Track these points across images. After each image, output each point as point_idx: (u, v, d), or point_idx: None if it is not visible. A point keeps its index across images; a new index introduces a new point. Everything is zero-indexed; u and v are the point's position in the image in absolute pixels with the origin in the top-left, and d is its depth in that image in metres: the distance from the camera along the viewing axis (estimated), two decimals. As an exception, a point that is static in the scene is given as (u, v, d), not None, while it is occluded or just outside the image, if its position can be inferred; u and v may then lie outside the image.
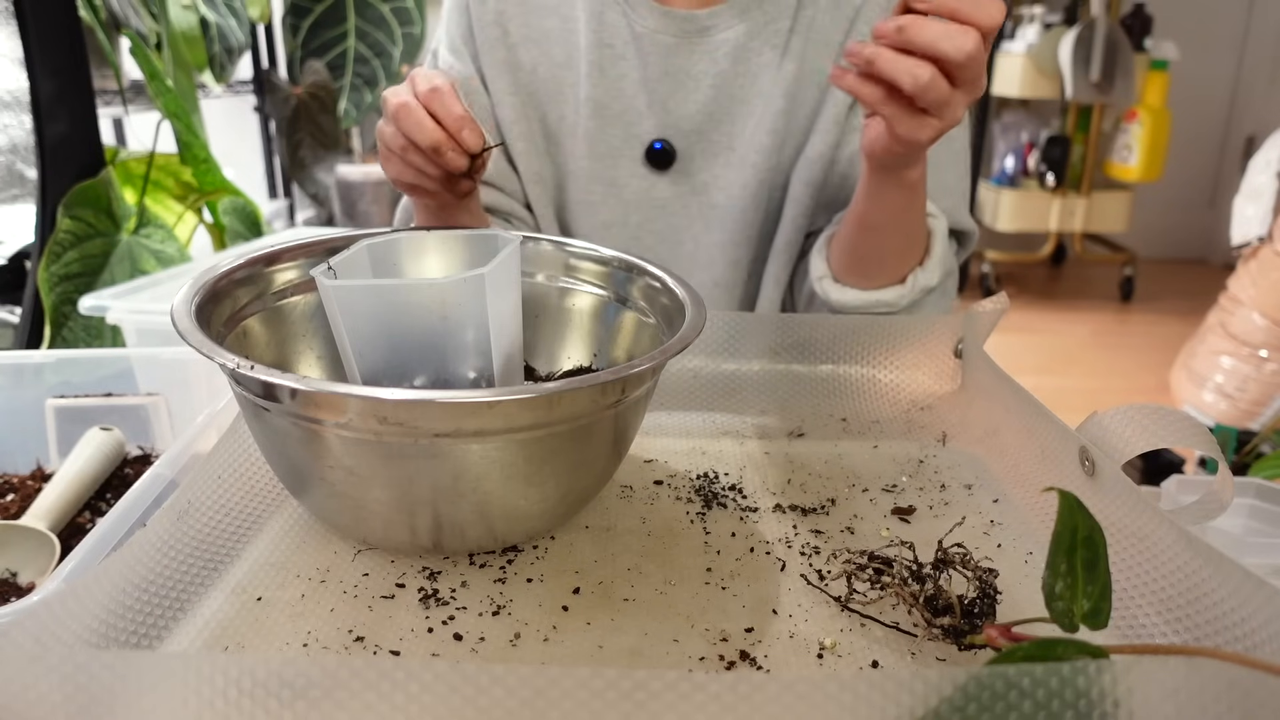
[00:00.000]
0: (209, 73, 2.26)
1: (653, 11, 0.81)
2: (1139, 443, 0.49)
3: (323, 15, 2.86)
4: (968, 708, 0.27)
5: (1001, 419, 0.60)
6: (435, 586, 0.46)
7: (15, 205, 1.49)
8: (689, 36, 0.81)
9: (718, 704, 0.27)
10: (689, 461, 0.60)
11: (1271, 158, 2.31)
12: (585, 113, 0.83)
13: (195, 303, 0.48)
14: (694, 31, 0.81)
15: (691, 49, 0.81)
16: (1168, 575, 0.42)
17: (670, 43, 0.81)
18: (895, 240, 0.74)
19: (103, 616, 0.39)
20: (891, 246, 0.75)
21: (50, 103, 1.27)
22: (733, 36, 0.81)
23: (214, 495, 0.50)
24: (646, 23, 0.81)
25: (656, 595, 0.45)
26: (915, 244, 0.76)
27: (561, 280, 0.63)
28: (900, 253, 0.75)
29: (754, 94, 0.82)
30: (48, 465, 0.68)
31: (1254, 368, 2.17)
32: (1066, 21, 3.21)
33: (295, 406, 0.42)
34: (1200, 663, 0.27)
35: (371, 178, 2.95)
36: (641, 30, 0.81)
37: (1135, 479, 0.45)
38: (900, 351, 0.70)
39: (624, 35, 0.82)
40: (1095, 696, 0.27)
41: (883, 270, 0.76)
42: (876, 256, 0.75)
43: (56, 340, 1.29)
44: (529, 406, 0.42)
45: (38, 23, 1.24)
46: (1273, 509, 0.66)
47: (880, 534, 0.52)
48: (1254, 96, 3.80)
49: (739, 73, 0.82)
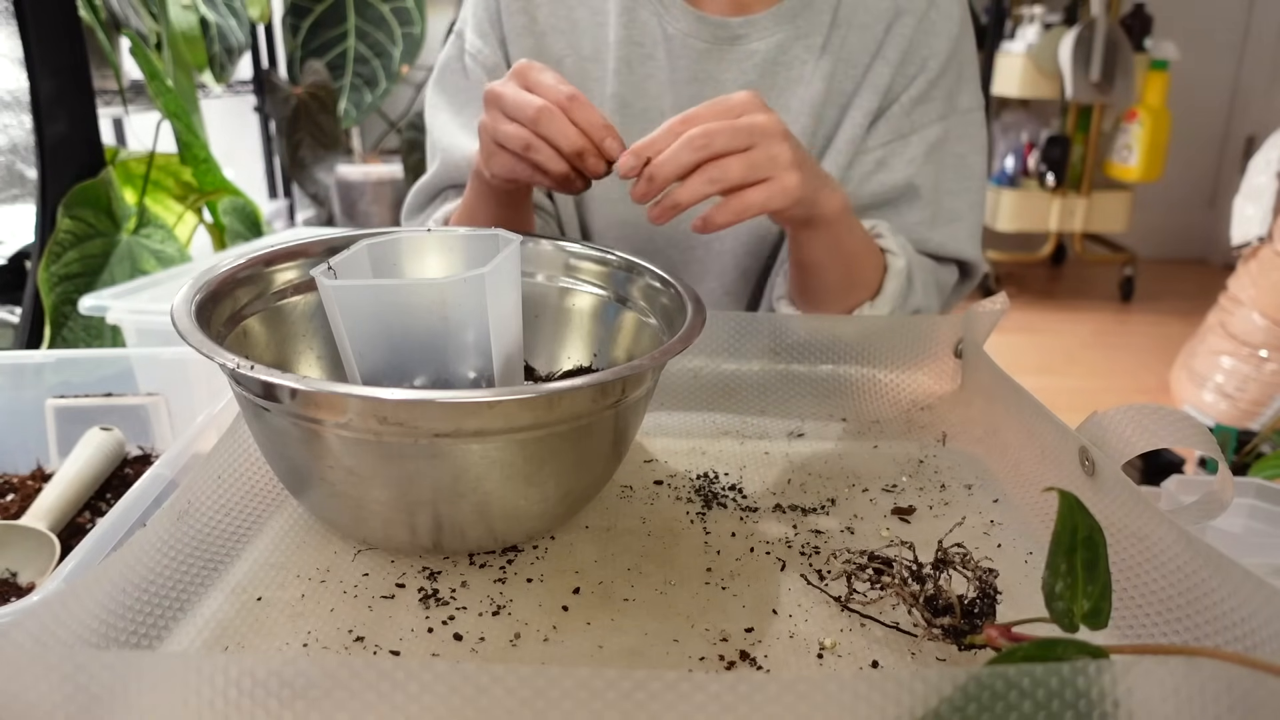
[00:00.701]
0: (209, 73, 2.26)
1: (686, 14, 0.80)
2: (1139, 443, 0.49)
3: (323, 15, 2.86)
4: (968, 708, 0.27)
5: (1001, 419, 0.60)
6: (435, 586, 0.46)
7: (15, 205, 1.49)
8: (720, 43, 0.81)
9: (718, 704, 0.27)
10: (689, 461, 0.60)
11: (1271, 158, 2.31)
12: (609, 109, 0.83)
13: (195, 303, 0.48)
14: (726, 39, 0.81)
15: (722, 56, 0.81)
16: (1168, 575, 0.42)
17: (701, 48, 0.81)
18: (834, 276, 0.73)
19: (103, 616, 0.39)
20: (831, 282, 0.73)
21: (50, 103, 1.27)
22: (764, 48, 0.80)
23: (214, 495, 0.50)
24: (679, 25, 0.81)
25: (656, 595, 0.45)
26: (859, 281, 0.74)
27: (561, 280, 0.63)
28: (842, 288, 0.74)
29: (780, 109, 0.81)
30: (48, 465, 0.68)
31: (1254, 368, 2.17)
32: (1066, 21, 3.21)
33: (295, 406, 0.42)
34: (1200, 663, 0.27)
35: (371, 178, 2.95)
36: (673, 32, 0.81)
37: (1135, 479, 0.45)
38: (900, 351, 0.70)
39: (655, 35, 0.81)
40: (1095, 696, 0.27)
41: (827, 302, 0.75)
42: (819, 290, 0.74)
43: (56, 340, 1.29)
44: (529, 406, 0.42)
45: (38, 23, 1.24)
46: (1273, 509, 0.66)
47: (880, 534, 0.52)
48: (1254, 96, 3.80)
49: (767, 86, 0.81)
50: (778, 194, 0.59)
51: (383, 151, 3.25)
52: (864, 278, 0.74)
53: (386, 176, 2.96)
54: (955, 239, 0.81)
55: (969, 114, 0.84)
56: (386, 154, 3.21)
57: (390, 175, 2.96)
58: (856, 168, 0.82)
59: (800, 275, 0.74)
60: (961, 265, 0.85)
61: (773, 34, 0.80)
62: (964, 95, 0.83)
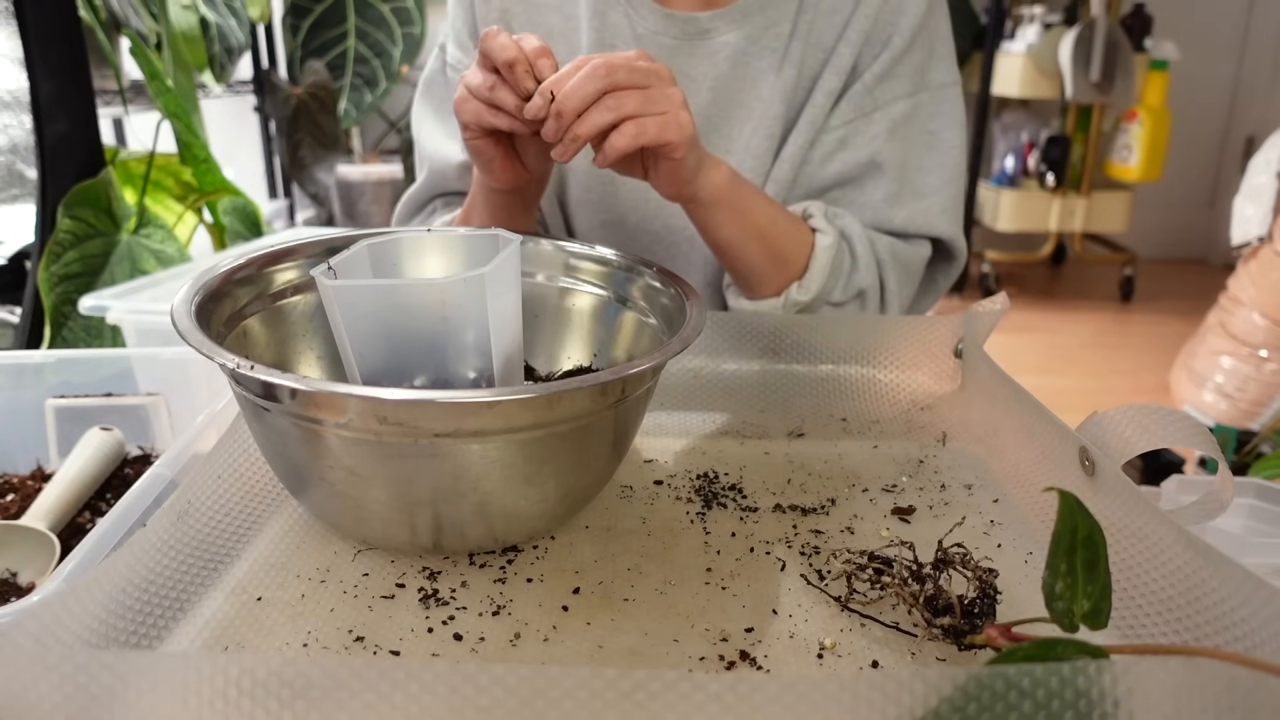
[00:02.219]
0: (209, 73, 2.26)
1: (654, 13, 0.81)
2: (1139, 443, 0.49)
3: (323, 15, 2.86)
4: (968, 708, 0.27)
5: (1001, 419, 0.60)
6: (435, 586, 0.46)
7: (15, 205, 1.49)
8: (690, 39, 0.81)
9: (718, 704, 0.27)
10: (689, 461, 0.60)
11: (1271, 158, 2.31)
12: None
13: (195, 303, 0.48)
14: (695, 34, 0.81)
15: (692, 51, 0.81)
16: (1168, 575, 0.42)
17: (671, 45, 0.81)
18: (752, 256, 0.72)
19: (103, 616, 0.39)
20: (753, 263, 0.73)
21: (50, 103, 1.27)
22: (733, 40, 0.81)
23: (214, 495, 0.50)
24: (648, 24, 0.81)
25: (656, 595, 0.45)
26: (781, 259, 0.73)
27: (561, 280, 0.63)
28: (765, 268, 0.73)
29: (752, 98, 0.82)
30: (48, 465, 0.68)
31: (1254, 368, 2.17)
32: (1066, 21, 3.21)
33: (295, 406, 0.42)
34: (1200, 663, 0.27)
35: (371, 178, 2.95)
36: (643, 31, 0.81)
37: (1135, 479, 0.45)
38: (900, 352, 0.70)
39: (626, 35, 0.82)
40: (1095, 696, 0.27)
41: (755, 283, 0.75)
42: (743, 272, 0.74)
43: (56, 340, 1.29)
44: (529, 406, 0.42)
45: (38, 23, 1.24)
46: (1273, 509, 0.66)
47: (880, 534, 0.52)
48: (1254, 96, 3.80)
49: (738, 77, 0.81)
50: (673, 126, 0.60)
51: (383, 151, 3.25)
52: (787, 256, 0.73)
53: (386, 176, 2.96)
54: (925, 214, 0.80)
55: (942, 89, 0.82)
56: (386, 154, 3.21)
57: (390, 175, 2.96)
58: (818, 148, 0.81)
59: (721, 258, 0.74)
60: (937, 244, 0.84)
61: (741, 26, 0.80)
62: (936, 71, 0.82)
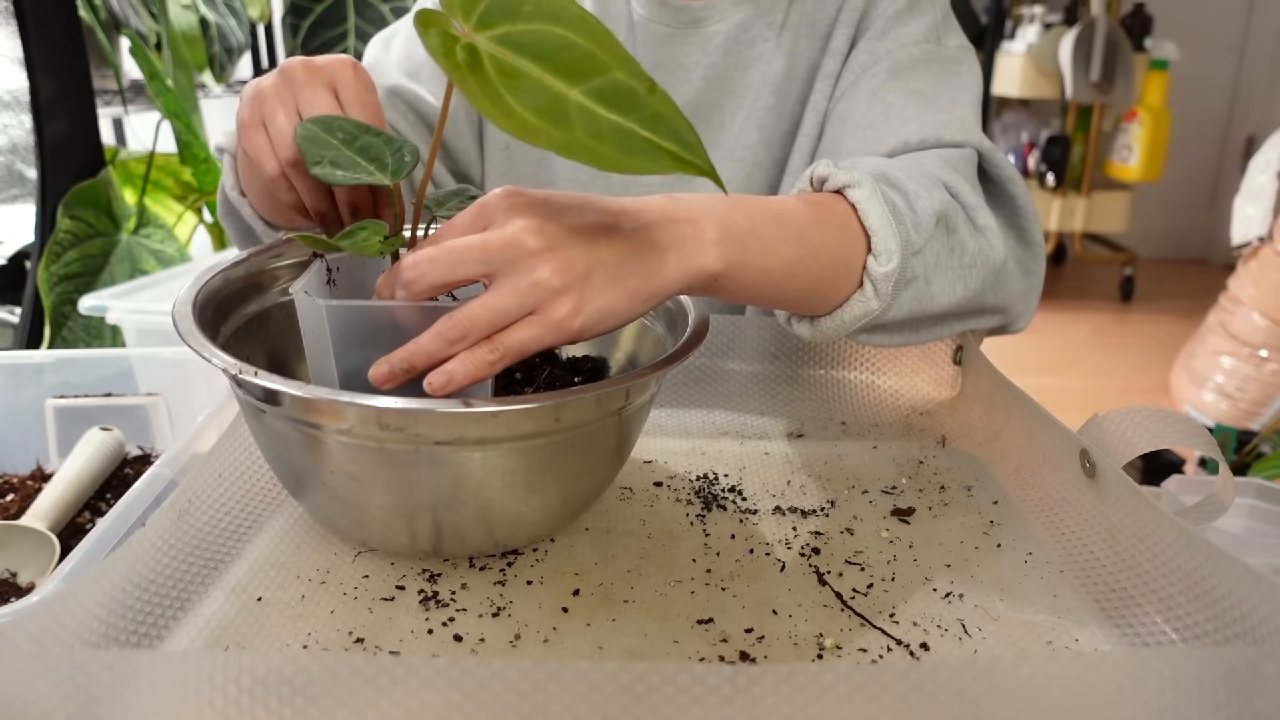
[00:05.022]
0: (209, 73, 2.26)
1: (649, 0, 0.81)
2: (1140, 444, 0.49)
3: (323, 15, 2.86)
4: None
5: (1002, 422, 0.60)
6: (435, 589, 0.46)
7: (15, 205, 1.49)
8: (683, 27, 0.81)
9: (716, 696, 0.27)
10: (689, 462, 0.60)
11: (1272, 158, 2.31)
12: None
13: (195, 303, 0.47)
14: (688, 22, 0.81)
15: (685, 39, 0.81)
16: (1169, 575, 0.42)
17: (664, 32, 0.81)
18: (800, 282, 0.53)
19: (103, 616, 0.39)
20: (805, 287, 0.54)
21: (50, 103, 1.27)
22: (725, 29, 0.81)
23: (214, 495, 0.50)
24: (642, 10, 0.81)
25: (656, 596, 0.45)
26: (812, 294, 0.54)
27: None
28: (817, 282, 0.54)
29: (743, 86, 0.81)
30: (48, 465, 0.68)
31: (1254, 368, 2.17)
32: (1066, 21, 3.21)
33: (296, 411, 0.42)
34: (1196, 652, 0.27)
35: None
36: (638, 18, 0.82)
37: (1135, 479, 0.45)
38: (899, 357, 0.70)
39: (623, 21, 0.82)
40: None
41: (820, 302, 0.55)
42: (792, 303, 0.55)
43: (56, 340, 1.29)
44: (532, 415, 0.42)
45: (38, 23, 1.24)
46: (1273, 509, 0.66)
47: (880, 535, 0.52)
48: (1254, 96, 3.79)
49: (729, 64, 0.81)
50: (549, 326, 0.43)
51: (383, 152, 3.24)
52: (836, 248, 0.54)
53: (386, 177, 2.95)
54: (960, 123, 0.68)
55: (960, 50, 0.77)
56: (386, 154, 3.20)
57: (390, 175, 2.96)
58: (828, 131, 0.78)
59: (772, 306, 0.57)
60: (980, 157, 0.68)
61: (733, 14, 0.80)
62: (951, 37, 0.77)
